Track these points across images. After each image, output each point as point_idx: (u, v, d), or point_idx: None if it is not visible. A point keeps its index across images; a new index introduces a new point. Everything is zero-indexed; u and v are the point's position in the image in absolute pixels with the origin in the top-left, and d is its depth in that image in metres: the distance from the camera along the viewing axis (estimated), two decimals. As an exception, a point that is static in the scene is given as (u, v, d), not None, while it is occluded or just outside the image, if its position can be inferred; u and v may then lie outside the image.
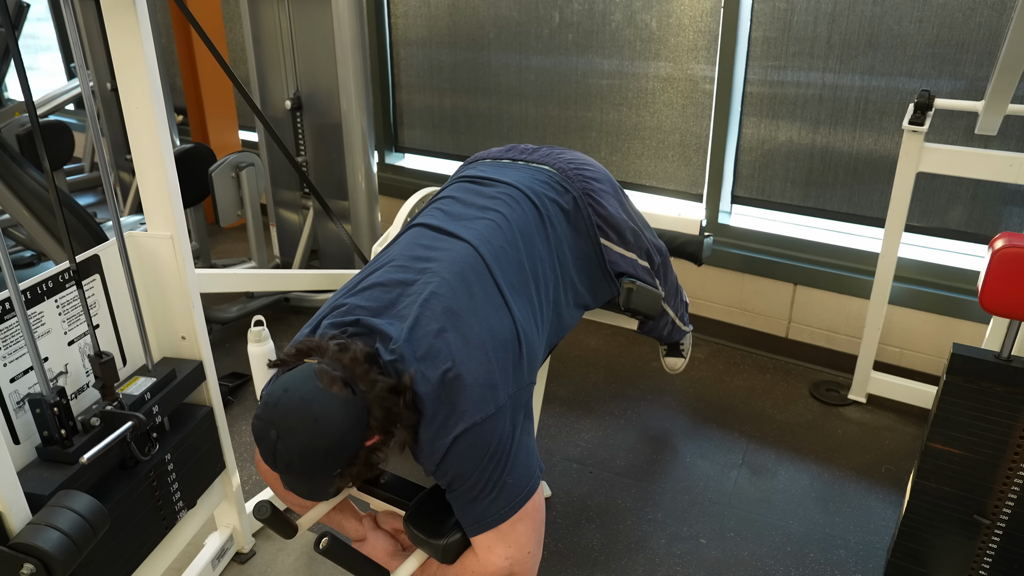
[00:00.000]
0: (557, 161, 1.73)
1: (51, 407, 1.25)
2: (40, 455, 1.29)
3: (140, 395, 1.44)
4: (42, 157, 1.22)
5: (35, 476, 1.24)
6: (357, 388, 1.14)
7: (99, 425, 1.32)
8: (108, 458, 1.34)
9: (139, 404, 1.43)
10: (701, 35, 2.80)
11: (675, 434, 2.41)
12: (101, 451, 1.27)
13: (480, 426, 1.19)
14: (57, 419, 1.26)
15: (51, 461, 1.28)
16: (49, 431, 1.26)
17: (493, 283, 1.35)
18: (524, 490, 1.25)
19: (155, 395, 1.47)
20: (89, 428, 1.31)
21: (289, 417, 1.11)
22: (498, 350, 1.27)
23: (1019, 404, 1.46)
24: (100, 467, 1.33)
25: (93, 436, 1.31)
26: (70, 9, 1.25)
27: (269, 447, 1.13)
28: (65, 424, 1.27)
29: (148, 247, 1.55)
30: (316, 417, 1.10)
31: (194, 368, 1.60)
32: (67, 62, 5.43)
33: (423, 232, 1.48)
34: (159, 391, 1.49)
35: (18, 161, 2.42)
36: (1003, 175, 2.06)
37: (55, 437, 1.27)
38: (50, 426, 1.26)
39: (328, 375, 1.13)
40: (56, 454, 1.28)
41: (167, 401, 1.51)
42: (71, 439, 1.28)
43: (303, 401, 1.11)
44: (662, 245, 1.96)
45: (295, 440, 1.10)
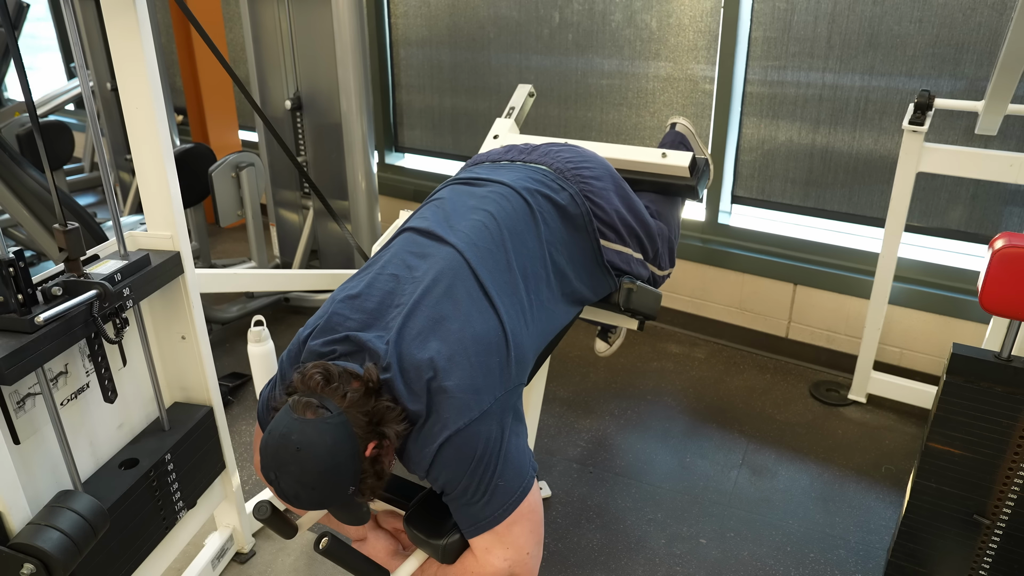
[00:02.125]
0: (555, 161, 1.73)
1: (6, 266, 1.13)
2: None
3: (110, 274, 1.34)
4: (42, 157, 1.22)
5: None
6: (331, 405, 1.15)
7: (61, 295, 1.22)
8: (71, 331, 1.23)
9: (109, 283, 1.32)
10: (701, 35, 2.80)
11: (675, 434, 2.41)
12: (61, 313, 1.18)
13: (465, 431, 1.20)
14: (13, 282, 1.14)
15: (7, 330, 1.17)
16: (4, 296, 1.15)
17: (479, 287, 1.35)
18: (517, 491, 1.25)
19: (127, 277, 1.38)
20: (51, 298, 1.21)
21: (277, 455, 1.13)
22: (482, 354, 1.27)
23: (1019, 404, 1.46)
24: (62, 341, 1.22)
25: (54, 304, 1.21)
26: (70, 9, 1.25)
27: (278, 490, 1.16)
28: (23, 289, 1.16)
29: (148, 247, 1.55)
30: (297, 446, 1.12)
31: (170, 257, 1.51)
32: (67, 62, 5.43)
33: (412, 238, 1.49)
34: (132, 274, 1.39)
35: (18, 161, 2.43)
36: (1003, 175, 2.06)
37: (11, 304, 1.15)
38: (5, 291, 1.14)
39: (300, 404, 1.15)
40: (12, 321, 1.16)
41: (140, 285, 1.41)
42: (29, 307, 1.18)
43: (283, 436, 1.14)
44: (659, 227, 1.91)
45: (289, 474, 1.13)
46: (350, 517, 1.25)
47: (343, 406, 1.15)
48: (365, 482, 1.18)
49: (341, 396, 1.16)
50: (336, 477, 1.14)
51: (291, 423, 1.14)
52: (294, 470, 1.12)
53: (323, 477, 1.13)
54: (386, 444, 1.19)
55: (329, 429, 1.13)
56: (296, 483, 1.13)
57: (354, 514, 1.24)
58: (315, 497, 1.15)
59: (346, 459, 1.14)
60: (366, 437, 1.16)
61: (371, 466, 1.18)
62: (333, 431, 1.13)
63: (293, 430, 1.13)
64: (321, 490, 1.14)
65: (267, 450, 1.15)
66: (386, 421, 1.17)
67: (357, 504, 1.22)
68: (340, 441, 1.13)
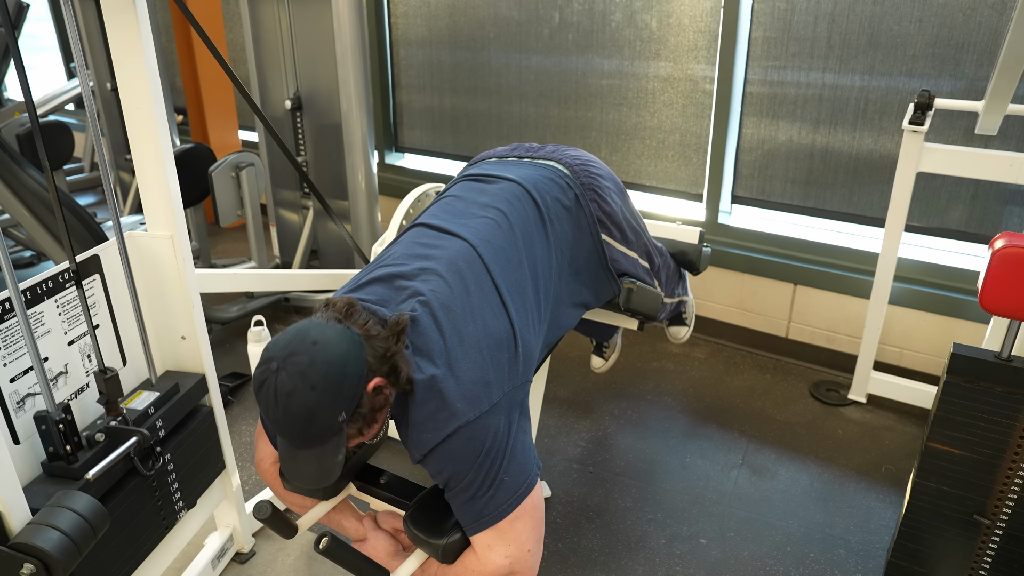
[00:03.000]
0: (563, 157, 1.73)
1: (56, 424, 1.26)
2: (46, 470, 1.31)
3: (144, 410, 1.46)
4: (42, 157, 1.22)
5: (41, 492, 1.25)
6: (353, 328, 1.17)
7: (104, 440, 1.34)
8: (112, 472, 1.36)
9: (143, 418, 1.45)
10: (701, 35, 2.80)
11: (675, 434, 2.41)
12: (106, 467, 1.29)
13: (474, 424, 1.20)
14: (62, 435, 1.27)
15: (56, 476, 1.29)
16: (55, 447, 1.28)
17: (491, 282, 1.35)
18: (521, 487, 1.25)
19: (158, 409, 1.49)
20: (94, 443, 1.34)
21: (289, 344, 1.12)
22: (493, 348, 1.27)
23: (1019, 404, 1.46)
24: (105, 481, 1.35)
25: (98, 451, 1.33)
26: (70, 9, 1.25)
27: (270, 386, 1.10)
28: (70, 440, 1.29)
29: (148, 247, 1.55)
30: (314, 340, 1.12)
31: (196, 382, 1.62)
32: (67, 62, 5.43)
33: (423, 231, 1.48)
34: (162, 405, 1.51)
35: (18, 161, 2.42)
36: (1003, 175, 2.06)
37: (60, 453, 1.28)
38: (56, 442, 1.28)
39: (325, 315, 1.17)
40: (62, 470, 1.29)
41: (170, 415, 1.53)
42: (76, 454, 1.30)
43: (300, 330, 1.14)
44: (662, 247, 1.96)
45: (295, 363, 1.09)
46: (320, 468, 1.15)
47: (363, 333, 1.16)
48: (358, 414, 1.15)
49: (362, 325, 1.17)
50: (338, 386, 1.11)
51: (312, 323, 1.15)
52: (303, 359, 1.09)
53: (327, 379, 1.09)
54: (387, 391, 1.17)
55: (347, 339, 1.14)
56: (299, 375, 1.09)
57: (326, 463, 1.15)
58: (309, 399, 1.08)
59: (353, 374, 1.12)
60: (376, 368, 1.15)
61: (369, 400, 1.15)
62: (351, 344, 1.14)
63: (313, 327, 1.14)
64: (319, 393, 1.09)
65: (277, 342, 1.14)
66: (398, 366, 1.17)
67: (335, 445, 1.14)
68: (354, 355, 1.13)
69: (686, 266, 2.11)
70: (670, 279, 2.01)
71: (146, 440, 1.37)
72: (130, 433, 1.36)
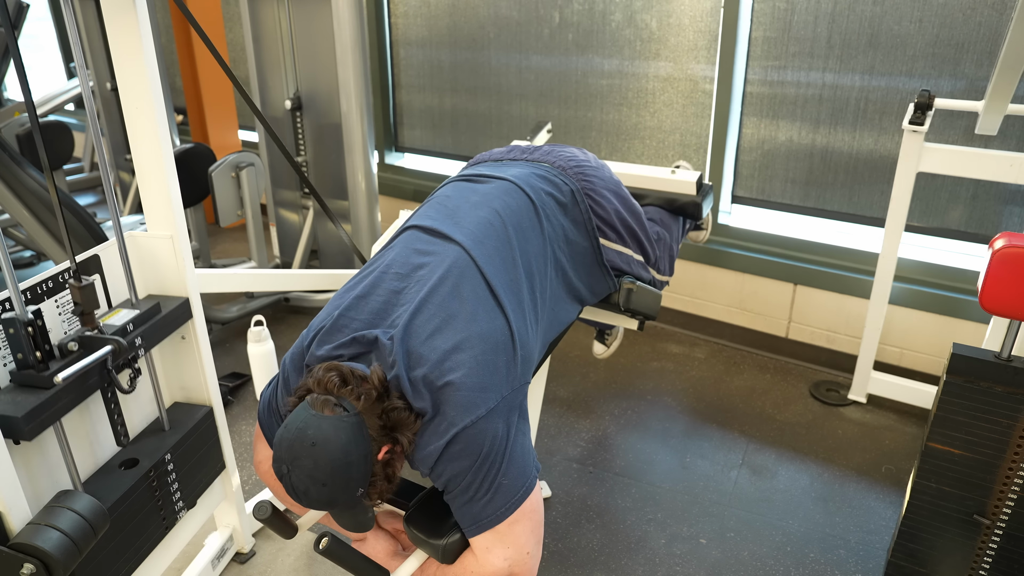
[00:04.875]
0: (557, 159, 1.73)
1: (25, 326, 1.18)
2: (14, 379, 1.23)
3: (122, 325, 1.38)
4: (42, 157, 1.22)
5: (8, 400, 1.19)
6: (348, 405, 1.16)
7: (77, 350, 1.27)
8: (87, 384, 1.29)
9: (122, 334, 1.37)
10: (701, 35, 2.80)
11: (675, 434, 2.41)
12: (78, 372, 1.22)
13: (471, 428, 1.20)
14: (32, 340, 1.20)
15: (26, 386, 1.22)
16: (23, 353, 1.20)
17: (485, 284, 1.35)
18: (520, 490, 1.25)
19: (138, 326, 1.43)
20: (67, 353, 1.26)
21: (292, 448, 1.14)
22: (488, 352, 1.27)
23: (1019, 404, 1.46)
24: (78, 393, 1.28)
25: (71, 360, 1.25)
26: (70, 9, 1.25)
27: (287, 485, 1.16)
28: (40, 347, 1.21)
29: (148, 247, 1.55)
30: (312, 441, 1.13)
31: (180, 304, 1.55)
32: (67, 62, 5.43)
33: (416, 235, 1.48)
34: (143, 323, 1.44)
35: (18, 161, 2.42)
36: (1003, 175, 2.06)
37: (30, 360, 1.20)
38: (24, 348, 1.19)
39: (318, 401, 1.16)
40: (31, 378, 1.21)
41: (151, 333, 1.45)
42: (47, 363, 1.23)
43: (299, 431, 1.14)
44: (659, 230, 1.95)
45: (301, 468, 1.13)
46: (354, 523, 1.25)
47: (359, 407, 1.16)
48: (375, 485, 1.19)
49: (356, 397, 1.17)
50: (347, 475, 1.14)
51: (308, 418, 1.15)
52: (307, 464, 1.12)
53: (335, 474, 1.13)
54: (398, 450, 1.20)
55: (345, 427, 1.14)
56: (307, 477, 1.13)
57: (359, 520, 1.24)
58: (324, 494, 1.14)
59: (359, 459, 1.15)
60: (380, 440, 1.17)
61: (382, 469, 1.19)
62: (349, 429, 1.14)
63: (310, 425, 1.14)
64: (331, 487, 1.14)
65: (281, 444, 1.15)
66: (400, 427, 1.19)
67: (363, 508, 1.22)
68: (355, 440, 1.14)
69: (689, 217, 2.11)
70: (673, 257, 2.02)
71: (123, 349, 1.29)
72: (105, 341, 1.28)
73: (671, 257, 2.00)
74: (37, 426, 1.19)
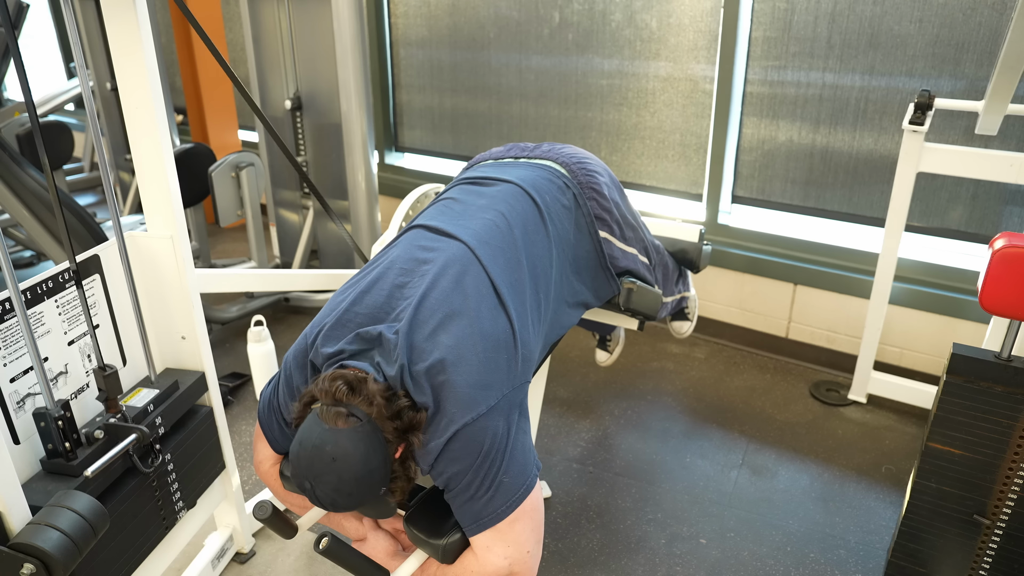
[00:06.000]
0: (559, 156, 1.73)
1: (55, 420, 1.26)
2: (44, 467, 1.30)
3: (143, 407, 1.45)
4: (42, 157, 1.22)
5: (40, 488, 1.25)
6: (360, 413, 1.16)
7: (103, 438, 1.34)
8: (112, 470, 1.36)
9: (142, 416, 1.45)
10: (701, 35, 2.80)
11: (675, 434, 2.41)
12: (105, 464, 1.29)
13: (472, 425, 1.20)
14: (61, 432, 1.27)
15: (55, 473, 1.29)
16: (54, 444, 1.28)
17: (489, 282, 1.35)
18: (521, 489, 1.25)
19: (158, 407, 1.49)
20: (93, 440, 1.33)
21: (312, 466, 1.15)
22: (490, 350, 1.27)
23: (1019, 404, 1.46)
24: (104, 479, 1.35)
25: (97, 448, 1.32)
26: (70, 9, 1.25)
27: (311, 497, 1.18)
28: (69, 437, 1.28)
29: (148, 247, 1.55)
30: (332, 457, 1.14)
31: (196, 379, 1.61)
32: (67, 62, 5.43)
33: (421, 233, 1.48)
34: (162, 403, 1.51)
35: (18, 161, 2.42)
36: (1003, 175, 2.06)
37: (59, 450, 1.28)
38: (55, 439, 1.27)
39: (330, 413, 1.17)
40: (60, 467, 1.29)
41: (170, 412, 1.53)
42: (75, 452, 1.30)
43: (316, 448, 1.15)
44: (659, 244, 1.96)
45: (325, 483, 1.15)
46: (377, 513, 1.31)
47: (372, 413, 1.16)
48: (396, 482, 1.22)
49: (368, 403, 1.17)
50: (371, 481, 1.17)
51: (324, 434, 1.15)
52: (331, 480, 1.14)
53: (359, 484, 1.16)
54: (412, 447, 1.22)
55: (362, 437, 1.15)
56: (333, 491, 1.15)
57: (381, 510, 1.28)
58: (351, 502, 1.18)
59: (379, 464, 1.17)
60: (395, 442, 1.19)
61: (401, 467, 1.21)
62: (366, 439, 1.15)
63: (327, 441, 1.14)
64: (357, 495, 1.17)
65: (300, 461, 1.17)
66: (413, 428, 1.20)
67: (386, 501, 1.25)
68: (373, 448, 1.16)
69: (686, 264, 2.12)
70: (668, 278, 2.02)
71: (145, 437, 1.36)
72: (129, 430, 1.35)
73: (665, 276, 2.00)
74: None
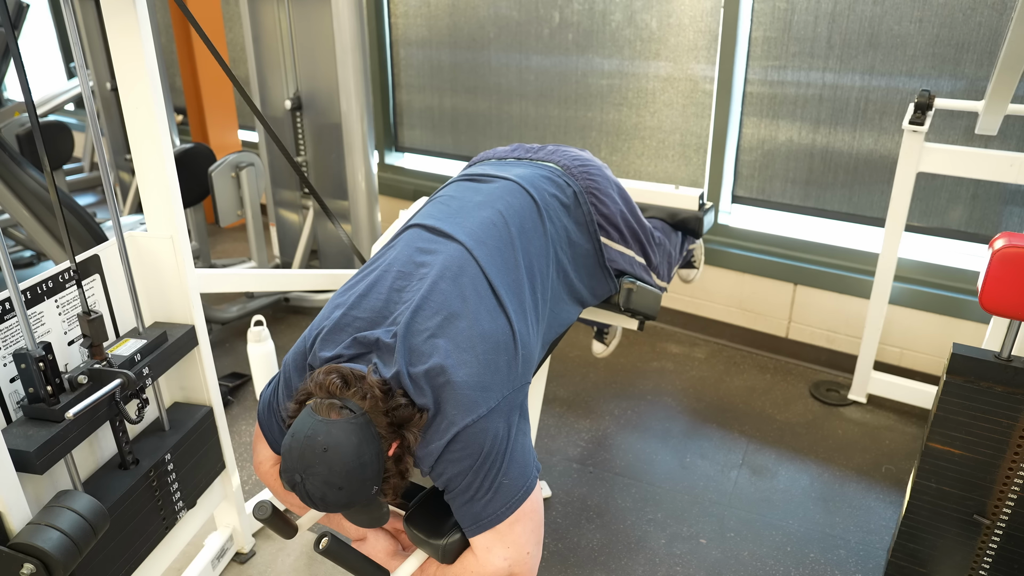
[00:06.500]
0: (562, 158, 1.74)
1: (36, 362, 1.21)
2: (25, 413, 1.25)
3: (130, 355, 1.40)
4: (42, 157, 1.22)
5: (20, 433, 1.21)
6: (354, 406, 1.16)
7: (87, 383, 1.29)
8: (96, 417, 1.31)
9: (129, 364, 1.39)
10: (701, 35, 2.80)
11: (675, 434, 2.41)
12: (88, 407, 1.24)
13: (472, 427, 1.20)
14: (43, 375, 1.22)
15: (36, 419, 1.24)
16: (34, 387, 1.22)
17: (487, 284, 1.35)
18: (521, 490, 1.25)
19: (145, 356, 1.44)
20: (77, 386, 1.28)
21: (303, 457, 1.13)
22: (490, 352, 1.27)
23: (1019, 404, 1.46)
24: (88, 426, 1.30)
25: (81, 394, 1.27)
26: (70, 9, 1.25)
27: (301, 493, 1.15)
28: (51, 381, 1.23)
29: (148, 247, 1.55)
30: (324, 447, 1.12)
31: (186, 331, 1.56)
32: (67, 62, 5.43)
33: (419, 233, 1.48)
34: (150, 352, 1.45)
35: (18, 161, 2.42)
36: (1003, 175, 2.06)
37: (41, 394, 1.23)
38: (35, 382, 1.22)
39: (323, 406, 1.16)
40: (42, 411, 1.24)
41: (158, 362, 1.47)
42: (57, 396, 1.25)
43: (308, 438, 1.14)
44: (660, 236, 1.96)
45: (316, 475, 1.13)
46: (370, 519, 1.25)
47: (365, 407, 1.16)
48: (389, 481, 1.19)
49: (361, 397, 1.16)
50: (362, 476, 1.14)
51: (316, 424, 1.14)
52: (321, 471, 1.12)
53: (350, 477, 1.13)
54: (406, 445, 1.20)
55: (355, 429, 1.14)
56: (323, 484, 1.13)
57: (374, 516, 1.24)
58: (341, 498, 1.14)
59: (371, 458, 1.15)
60: (389, 437, 1.17)
61: (395, 465, 1.19)
62: (359, 431, 1.14)
63: (319, 431, 1.13)
64: (348, 490, 1.14)
65: (291, 453, 1.15)
66: (407, 423, 1.18)
67: (378, 504, 1.22)
68: (365, 441, 1.14)
69: (689, 233, 2.14)
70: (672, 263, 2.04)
71: (132, 382, 1.31)
72: (114, 375, 1.30)
73: (670, 264, 2.01)
74: (48, 460, 1.21)
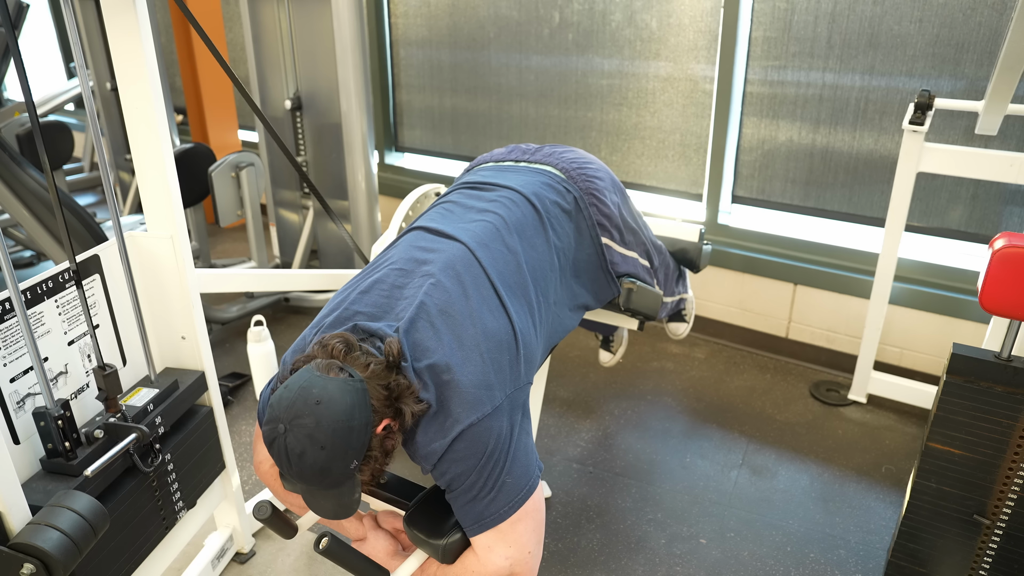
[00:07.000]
0: (560, 161, 1.73)
1: (55, 420, 1.26)
2: (44, 467, 1.30)
3: (143, 407, 1.45)
4: (42, 157, 1.22)
5: (40, 488, 1.25)
6: (353, 372, 1.14)
7: (103, 437, 1.34)
8: (112, 469, 1.36)
9: (142, 415, 1.44)
10: (701, 35, 2.80)
11: (675, 434, 2.41)
12: (105, 464, 1.29)
13: (476, 426, 1.20)
14: (61, 432, 1.27)
15: (55, 473, 1.29)
16: (53, 444, 1.28)
17: (489, 284, 1.35)
18: (523, 489, 1.25)
19: (157, 406, 1.49)
20: (92, 440, 1.33)
21: (293, 405, 1.10)
22: (493, 351, 1.27)
23: (1019, 404, 1.46)
24: (104, 478, 1.34)
25: (97, 448, 1.32)
26: (70, 9, 1.25)
27: (280, 446, 1.11)
28: (69, 437, 1.28)
29: (148, 247, 1.55)
30: (317, 399, 1.09)
31: (196, 379, 1.61)
32: (67, 62, 5.43)
33: (421, 235, 1.48)
34: (161, 402, 1.50)
35: (18, 161, 2.42)
36: (1003, 175, 2.06)
37: (59, 450, 1.28)
38: (54, 439, 1.27)
39: (323, 365, 1.14)
40: (60, 466, 1.29)
41: (169, 412, 1.53)
42: (75, 451, 1.29)
43: (303, 388, 1.11)
44: (661, 244, 1.97)
45: (302, 427, 1.09)
46: (338, 505, 1.18)
47: (365, 375, 1.14)
48: (370, 459, 1.15)
49: (363, 365, 1.15)
50: (347, 441, 1.10)
51: (313, 378, 1.11)
52: (308, 422, 1.08)
53: (335, 437, 1.09)
54: (395, 426, 1.17)
55: (351, 390, 1.11)
56: (306, 437, 1.08)
57: (343, 502, 1.17)
58: (320, 458, 1.09)
59: (360, 425, 1.11)
60: (382, 411, 1.15)
61: (379, 444, 1.16)
62: (354, 394, 1.11)
63: (315, 384, 1.10)
64: (329, 451, 1.09)
65: (280, 402, 1.11)
66: (404, 399, 1.16)
67: (351, 487, 1.16)
68: (358, 406, 1.11)
69: (686, 264, 2.12)
70: (669, 278, 2.02)
71: (145, 436, 1.36)
72: (129, 430, 1.35)
73: (667, 276, 2.00)
74: None
